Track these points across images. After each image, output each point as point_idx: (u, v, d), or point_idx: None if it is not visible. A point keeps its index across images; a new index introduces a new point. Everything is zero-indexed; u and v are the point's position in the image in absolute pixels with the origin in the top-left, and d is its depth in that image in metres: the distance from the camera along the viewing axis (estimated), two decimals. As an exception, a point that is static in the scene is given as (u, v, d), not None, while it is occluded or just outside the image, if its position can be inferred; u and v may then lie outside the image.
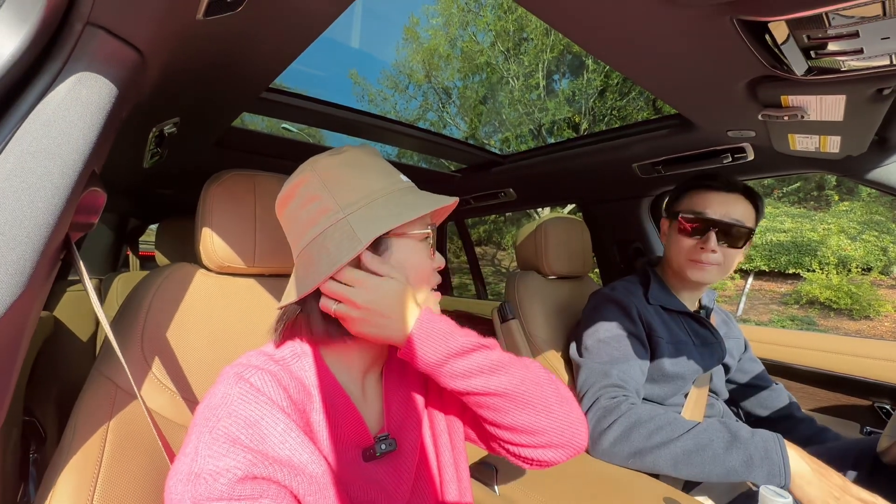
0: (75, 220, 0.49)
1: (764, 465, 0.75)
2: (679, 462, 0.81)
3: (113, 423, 0.55)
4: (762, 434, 0.79)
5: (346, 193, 0.52)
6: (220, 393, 0.46)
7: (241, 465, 0.41)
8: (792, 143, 0.94)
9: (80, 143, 0.45)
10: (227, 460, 0.41)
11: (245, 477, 0.41)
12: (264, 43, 0.66)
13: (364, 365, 0.57)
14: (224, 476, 0.40)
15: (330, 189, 0.53)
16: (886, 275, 6.81)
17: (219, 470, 0.40)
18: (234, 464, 0.41)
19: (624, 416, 0.89)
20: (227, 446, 0.42)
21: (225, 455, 0.41)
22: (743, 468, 0.77)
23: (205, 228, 0.72)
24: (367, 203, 0.52)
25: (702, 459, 0.79)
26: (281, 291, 0.81)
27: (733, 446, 0.78)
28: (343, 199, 0.52)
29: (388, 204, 0.52)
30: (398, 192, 0.54)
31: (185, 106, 0.88)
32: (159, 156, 1.17)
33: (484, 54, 9.89)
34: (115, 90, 0.49)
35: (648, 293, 1.09)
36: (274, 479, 0.42)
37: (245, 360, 0.51)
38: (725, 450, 0.78)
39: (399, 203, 0.52)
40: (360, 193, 0.52)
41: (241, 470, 0.41)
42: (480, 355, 0.52)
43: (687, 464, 0.81)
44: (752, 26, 0.55)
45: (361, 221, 0.51)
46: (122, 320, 0.65)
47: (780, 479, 0.74)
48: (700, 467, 0.80)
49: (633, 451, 0.86)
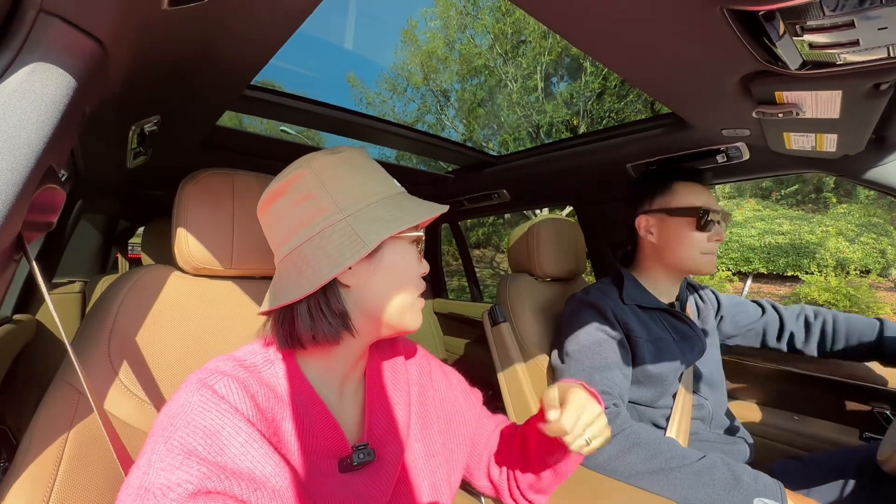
0: (29, 218, 0.46)
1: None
2: (677, 493, 0.79)
3: (73, 433, 0.53)
4: (764, 480, 0.77)
5: (344, 194, 0.51)
6: (181, 401, 0.44)
7: (193, 478, 0.39)
8: (787, 142, 0.91)
9: (33, 137, 0.42)
10: (179, 473, 0.39)
11: (198, 491, 0.38)
12: (238, 37, 0.64)
13: (344, 369, 0.56)
14: (174, 491, 0.38)
15: (327, 188, 0.51)
16: (885, 277, 6.80)
17: (169, 484, 0.38)
18: (186, 477, 0.39)
19: (622, 434, 0.87)
20: (182, 458, 0.40)
21: (178, 468, 0.39)
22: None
23: (180, 229, 0.70)
24: (367, 206, 0.51)
25: (701, 497, 0.77)
26: (260, 294, 0.79)
27: (735, 490, 0.76)
28: (341, 199, 0.51)
29: (387, 208, 0.52)
30: (395, 196, 0.54)
31: (164, 104, 0.86)
32: (143, 155, 1.14)
33: (482, 57, 9.90)
34: (74, 82, 0.46)
35: (623, 293, 1.07)
36: (230, 494, 0.40)
37: (213, 365, 0.49)
38: (728, 492, 0.76)
39: (397, 207, 0.52)
40: (358, 195, 0.51)
41: (192, 484, 0.38)
42: None
43: (684, 497, 0.78)
44: (744, 18, 0.53)
45: (363, 224, 0.50)
46: (90, 324, 0.62)
47: None
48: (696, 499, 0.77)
49: (631, 473, 0.84)
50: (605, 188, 1.52)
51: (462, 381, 0.74)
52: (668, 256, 1.06)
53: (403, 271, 0.54)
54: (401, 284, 0.53)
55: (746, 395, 1.42)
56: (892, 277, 6.75)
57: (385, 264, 0.52)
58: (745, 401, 1.42)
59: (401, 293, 0.53)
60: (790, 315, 1.19)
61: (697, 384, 1.07)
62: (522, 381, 1.17)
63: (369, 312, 0.53)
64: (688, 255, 1.03)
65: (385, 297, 0.53)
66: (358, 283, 0.52)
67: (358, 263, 0.51)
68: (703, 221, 1.01)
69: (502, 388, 1.23)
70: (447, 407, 0.67)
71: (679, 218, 1.03)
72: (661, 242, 1.06)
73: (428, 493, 0.56)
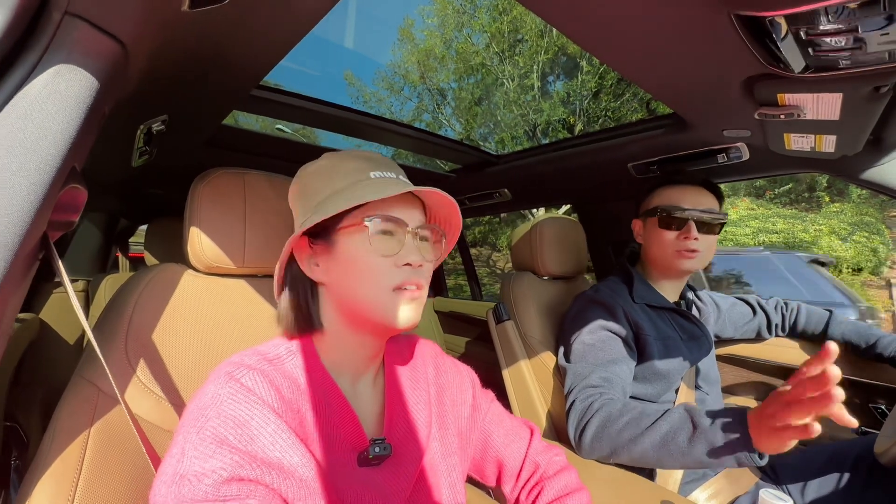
0: (54, 218, 0.47)
1: (728, 450, 0.72)
2: (648, 457, 0.81)
3: (94, 429, 0.53)
4: (727, 416, 0.75)
5: (309, 200, 0.54)
6: (210, 392, 0.45)
7: (227, 466, 0.40)
8: (787, 143, 0.93)
9: (59, 137, 0.43)
10: (213, 461, 0.40)
11: (231, 478, 0.40)
12: (253, 38, 0.65)
13: (358, 363, 0.56)
14: (209, 477, 0.39)
15: (302, 199, 0.56)
16: (877, 275, 6.88)
17: (204, 471, 0.39)
18: (220, 465, 0.40)
19: (597, 414, 0.89)
20: (214, 447, 0.41)
21: (211, 456, 0.40)
22: (709, 457, 0.74)
23: (192, 228, 0.71)
24: (319, 206, 0.52)
25: (670, 452, 0.78)
26: (271, 292, 0.79)
27: (697, 436, 0.76)
28: (307, 205, 0.54)
29: (332, 202, 0.51)
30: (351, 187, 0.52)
31: (173, 103, 0.86)
32: (148, 154, 1.14)
33: (479, 55, 9.89)
34: (97, 83, 0.47)
35: (633, 292, 1.10)
36: (262, 482, 0.41)
37: (237, 359, 0.50)
38: (690, 441, 0.76)
39: (343, 199, 0.50)
40: (319, 197, 0.53)
41: (226, 471, 0.40)
42: None
43: (656, 459, 0.80)
44: (750, 22, 0.55)
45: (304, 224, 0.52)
46: (106, 322, 0.63)
47: (748, 461, 0.71)
48: (669, 460, 0.79)
49: (611, 448, 0.86)
50: (606, 188, 1.54)
51: (476, 380, 0.73)
52: (650, 256, 1.13)
53: (358, 262, 0.50)
54: (359, 275, 0.51)
55: (742, 390, 1.45)
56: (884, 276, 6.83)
57: (339, 257, 0.51)
58: (742, 396, 1.44)
59: (361, 285, 0.50)
60: (771, 307, 1.32)
61: (697, 381, 1.09)
62: (527, 379, 1.18)
63: (346, 307, 0.53)
64: (661, 253, 1.08)
65: (349, 291, 0.51)
66: (329, 279, 0.53)
67: (322, 259, 0.53)
68: (664, 220, 1.06)
69: (507, 385, 1.25)
70: (460, 407, 0.67)
71: (651, 219, 1.10)
72: (645, 244, 1.14)
73: (446, 492, 0.57)
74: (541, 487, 0.68)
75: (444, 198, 0.53)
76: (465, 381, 0.71)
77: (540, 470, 0.70)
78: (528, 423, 0.76)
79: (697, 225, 1.03)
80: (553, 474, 0.69)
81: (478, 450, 0.70)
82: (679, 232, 1.04)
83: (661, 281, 1.13)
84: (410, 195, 0.55)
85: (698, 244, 1.03)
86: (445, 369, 0.69)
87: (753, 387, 1.42)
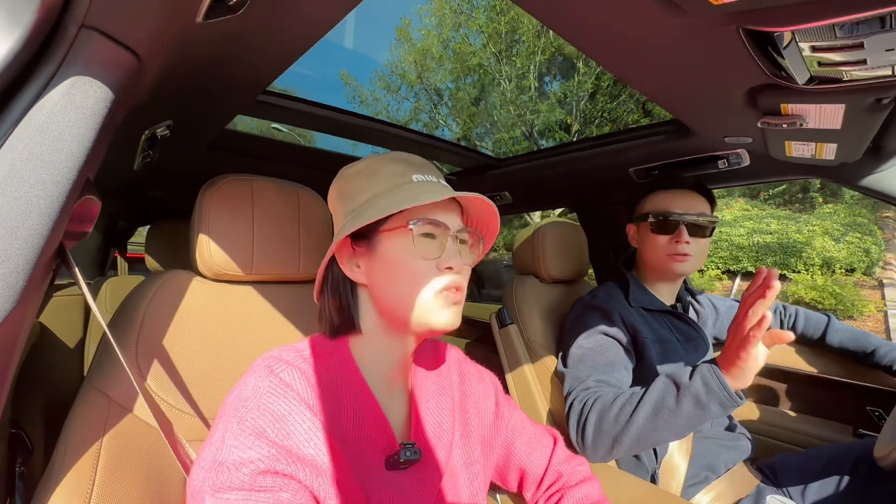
0: (69, 228, 0.47)
1: (712, 399, 0.76)
2: (647, 432, 0.82)
3: (107, 439, 0.53)
4: (699, 370, 0.79)
5: (351, 201, 0.54)
6: (251, 385, 0.46)
7: (264, 458, 0.41)
8: (788, 150, 0.94)
9: (75, 149, 0.43)
10: (251, 452, 0.41)
11: (267, 471, 0.41)
12: (262, 47, 0.65)
13: (392, 366, 0.56)
14: (247, 467, 0.40)
15: (342, 198, 0.56)
16: (869, 275, 6.95)
17: (242, 461, 0.41)
18: (257, 456, 0.41)
19: (592, 409, 0.90)
20: (253, 438, 0.42)
21: (250, 447, 0.42)
22: (698, 410, 0.78)
23: (201, 235, 0.71)
24: (363, 207, 0.52)
25: (665, 420, 0.80)
26: (279, 299, 0.80)
27: (682, 395, 0.79)
28: (349, 206, 0.54)
29: (377, 204, 0.51)
30: (396, 189, 0.52)
31: (178, 108, 0.86)
32: (150, 158, 1.14)
33: (476, 56, 9.90)
34: (111, 95, 0.47)
35: (629, 296, 1.12)
36: (295, 477, 0.42)
37: (276, 353, 0.51)
38: (677, 401, 0.79)
39: (382, 203, 0.51)
40: (361, 199, 0.53)
41: (263, 463, 0.41)
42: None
43: (654, 430, 0.81)
44: (757, 35, 0.55)
45: (349, 226, 0.52)
46: (116, 330, 0.63)
47: (730, 402, 0.75)
48: (666, 428, 0.80)
49: (612, 438, 0.86)
50: (606, 192, 1.55)
51: (499, 387, 0.73)
52: (645, 260, 1.15)
53: (402, 265, 0.51)
54: (403, 278, 0.51)
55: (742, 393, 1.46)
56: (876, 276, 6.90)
57: (381, 259, 0.52)
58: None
59: (405, 287, 0.51)
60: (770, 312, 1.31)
61: None
62: (530, 382, 1.19)
63: (386, 309, 0.53)
64: (654, 256, 1.11)
65: (392, 293, 0.52)
66: (370, 281, 0.54)
67: (363, 260, 0.53)
68: (656, 225, 1.08)
69: (510, 389, 1.26)
70: (483, 415, 0.67)
71: (643, 223, 1.12)
72: (639, 248, 1.16)
73: (468, 500, 0.57)
74: (561, 495, 0.69)
75: (485, 202, 0.54)
76: (489, 388, 0.71)
77: (562, 479, 0.70)
78: (551, 430, 0.77)
79: (689, 229, 1.06)
80: (575, 484, 0.70)
81: (501, 457, 0.70)
82: (671, 236, 1.07)
83: (657, 284, 1.15)
84: (451, 199, 0.55)
85: (690, 248, 1.05)
86: (469, 376, 0.69)
87: (752, 389, 1.43)
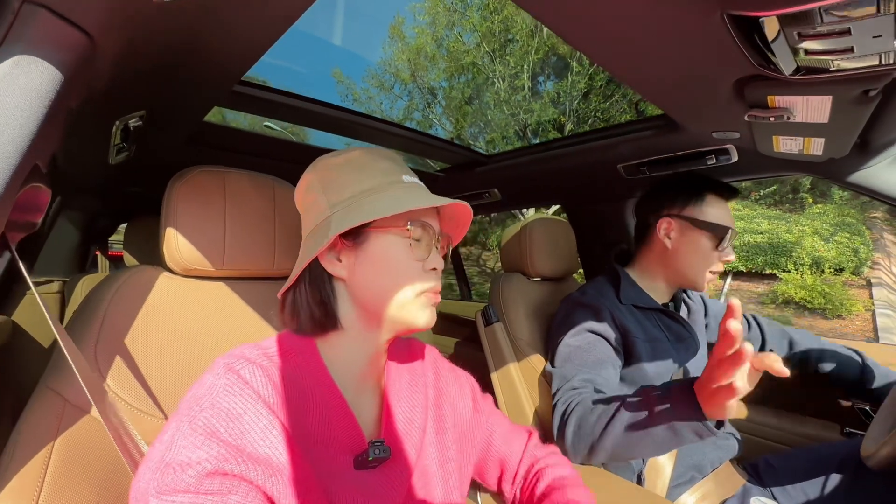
0: (13, 218, 0.44)
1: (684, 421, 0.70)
2: (622, 447, 0.78)
3: (59, 442, 0.50)
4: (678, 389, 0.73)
5: (336, 193, 0.53)
6: (208, 383, 0.45)
7: (212, 458, 0.40)
8: (776, 145, 0.93)
9: (17, 134, 0.40)
10: (199, 452, 0.40)
11: (215, 471, 0.39)
12: (232, 32, 0.62)
13: (363, 364, 0.55)
14: (194, 468, 0.39)
15: (325, 189, 0.54)
16: (857, 275, 7.03)
17: (189, 461, 0.39)
18: (205, 456, 0.40)
19: (573, 413, 0.87)
20: (204, 438, 0.41)
21: (199, 447, 0.40)
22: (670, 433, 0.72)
23: (169, 229, 0.68)
24: (355, 201, 0.51)
25: (637, 436, 0.75)
26: (252, 295, 0.77)
27: (656, 415, 0.73)
28: (333, 198, 0.53)
29: (372, 201, 0.51)
30: (389, 187, 0.53)
31: (150, 98, 0.83)
32: (126, 151, 1.11)
33: (469, 55, 9.88)
34: (60, 77, 0.44)
35: (620, 293, 1.08)
36: (246, 478, 0.41)
37: (238, 351, 0.49)
38: (650, 419, 0.74)
39: (382, 200, 0.51)
40: (349, 192, 0.52)
41: (211, 464, 0.39)
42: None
43: (628, 446, 0.78)
44: (743, 23, 0.54)
45: (339, 219, 0.50)
46: (75, 327, 0.60)
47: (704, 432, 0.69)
48: (641, 445, 0.76)
49: (589, 445, 0.83)
50: (596, 188, 1.53)
51: (475, 386, 0.74)
52: (676, 264, 1.06)
53: (392, 263, 0.52)
54: (391, 277, 0.52)
55: None
56: (864, 275, 6.98)
57: (370, 256, 0.52)
58: None
59: (392, 286, 0.52)
60: (772, 332, 1.23)
61: None
62: (516, 381, 1.17)
63: (365, 305, 0.53)
64: (697, 269, 1.03)
65: (376, 290, 0.52)
66: (350, 275, 0.53)
67: (346, 255, 0.53)
68: (726, 242, 1.02)
69: (496, 388, 1.24)
70: (459, 414, 0.67)
71: (702, 232, 1.02)
72: (676, 249, 1.06)
73: (440, 499, 0.56)
74: (537, 478, 0.69)
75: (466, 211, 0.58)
76: (465, 386, 0.71)
77: (538, 463, 0.71)
78: (526, 427, 0.78)
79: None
80: (551, 465, 0.71)
81: (480, 452, 0.70)
82: (720, 252, 1.02)
83: (660, 284, 1.11)
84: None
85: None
86: (444, 374, 0.69)
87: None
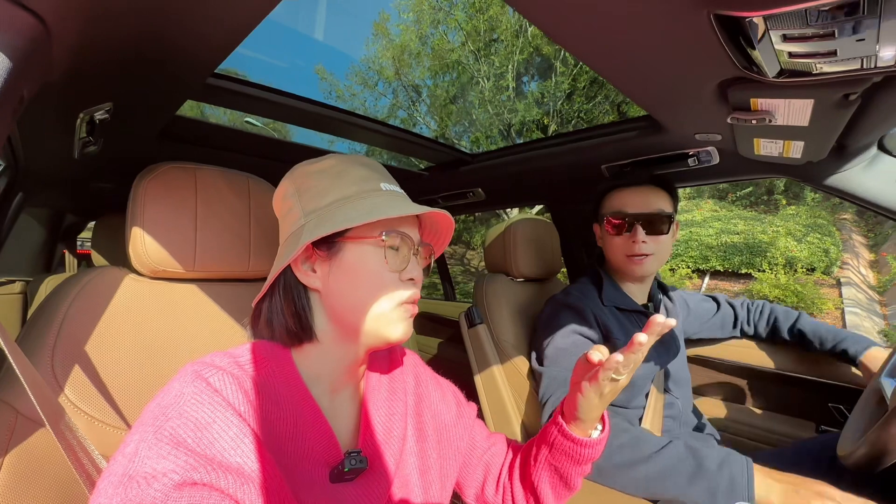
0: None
1: (729, 498, 0.73)
2: (640, 488, 0.79)
3: (9, 459, 0.47)
4: (731, 463, 0.76)
5: (312, 201, 0.51)
6: (175, 391, 0.42)
7: (179, 469, 0.37)
8: (757, 148, 0.94)
9: None
10: (165, 463, 0.37)
11: (183, 483, 0.37)
12: (203, 20, 0.59)
13: (339, 373, 0.54)
14: (159, 481, 0.36)
15: (300, 196, 0.52)
16: (828, 275, 7.27)
17: (155, 473, 0.36)
18: (171, 467, 0.37)
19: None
20: (170, 448, 0.38)
21: (165, 457, 0.37)
22: (707, 499, 0.74)
23: (136, 228, 0.64)
24: (329, 210, 0.50)
25: (664, 487, 0.77)
26: (224, 298, 0.74)
27: (697, 477, 0.76)
28: (309, 205, 0.51)
29: (346, 210, 0.49)
30: (366, 195, 0.51)
31: (117, 90, 0.78)
32: (93, 145, 1.05)
33: (455, 53, 9.85)
34: (8, 63, 0.41)
35: (602, 294, 1.09)
36: (216, 487, 0.38)
37: (208, 359, 0.47)
38: (689, 481, 0.76)
39: (357, 209, 0.49)
40: (326, 200, 0.51)
41: (178, 475, 0.37)
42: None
43: (648, 489, 0.79)
44: (729, 24, 0.53)
45: (311, 228, 0.49)
46: (30, 333, 0.56)
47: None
48: (663, 494, 0.78)
49: (596, 467, 0.83)
50: (579, 189, 1.53)
51: (457, 393, 0.73)
52: (608, 260, 1.14)
53: (366, 274, 0.50)
54: (365, 288, 0.50)
55: (709, 391, 1.48)
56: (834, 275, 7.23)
57: (344, 266, 0.51)
58: (709, 397, 1.47)
59: (367, 298, 0.50)
60: (737, 303, 1.35)
61: (667, 383, 1.10)
62: (499, 383, 1.16)
63: (340, 317, 0.51)
64: (614, 257, 1.09)
65: (350, 302, 0.51)
66: (324, 286, 0.51)
67: (320, 265, 0.51)
68: (611, 225, 1.07)
69: (479, 389, 1.22)
70: (441, 421, 0.65)
71: (607, 222, 1.10)
72: (603, 248, 1.15)
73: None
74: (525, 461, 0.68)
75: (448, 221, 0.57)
76: (447, 393, 0.70)
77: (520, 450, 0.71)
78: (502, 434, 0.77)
79: (645, 227, 1.02)
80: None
81: (464, 456, 0.69)
82: (627, 236, 1.04)
83: (626, 283, 1.14)
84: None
85: (648, 247, 1.03)
86: (426, 380, 0.67)
87: (720, 387, 1.45)
